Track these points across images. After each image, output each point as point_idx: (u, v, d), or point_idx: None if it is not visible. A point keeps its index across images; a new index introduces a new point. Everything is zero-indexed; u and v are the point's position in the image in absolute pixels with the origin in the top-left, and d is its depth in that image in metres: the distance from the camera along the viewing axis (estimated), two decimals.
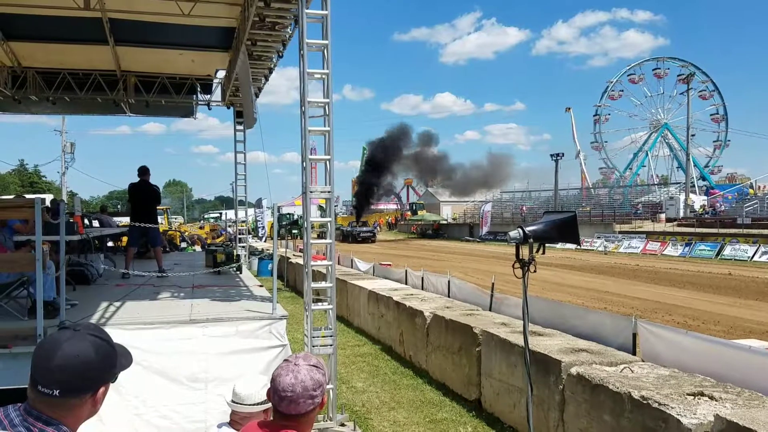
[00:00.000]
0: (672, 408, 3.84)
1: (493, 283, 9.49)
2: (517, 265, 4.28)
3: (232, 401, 3.11)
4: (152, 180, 9.90)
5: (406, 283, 12.59)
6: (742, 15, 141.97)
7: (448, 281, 11.01)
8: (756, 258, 27.22)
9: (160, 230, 12.28)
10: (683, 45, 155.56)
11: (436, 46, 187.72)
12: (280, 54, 8.83)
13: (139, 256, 11.15)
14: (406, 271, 13.25)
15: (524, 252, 4.29)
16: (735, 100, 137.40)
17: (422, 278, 12.23)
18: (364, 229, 57.12)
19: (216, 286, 8.38)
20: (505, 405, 6.03)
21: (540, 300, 8.13)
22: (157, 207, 10.32)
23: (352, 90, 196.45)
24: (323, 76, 5.90)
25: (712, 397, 4.04)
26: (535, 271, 4.23)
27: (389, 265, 17.64)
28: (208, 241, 27.89)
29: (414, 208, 75.85)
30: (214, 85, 12.69)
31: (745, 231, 32.52)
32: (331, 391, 5.80)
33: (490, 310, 8.64)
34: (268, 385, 2.02)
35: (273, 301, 6.18)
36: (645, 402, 4.01)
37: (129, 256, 9.88)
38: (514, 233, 4.18)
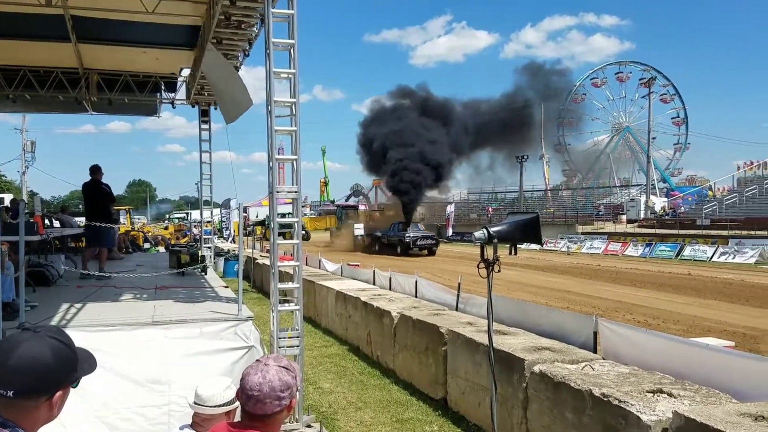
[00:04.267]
0: (632, 405, 3.92)
1: (459, 283, 9.57)
2: (481, 265, 4.34)
3: (195, 403, 3.08)
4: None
5: (374, 284, 12.61)
6: (703, 20, 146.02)
7: (416, 281, 11.06)
8: (715, 258, 27.99)
9: (124, 230, 12.07)
10: (648, 50, 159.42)
11: (407, 48, 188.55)
12: (246, 53, 8.77)
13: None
14: (374, 271, 13.27)
15: (489, 252, 4.35)
16: (695, 103, 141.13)
17: (390, 278, 12.26)
18: (420, 233, 36.22)
19: (180, 288, 8.26)
20: (470, 403, 6.09)
21: (505, 299, 8.23)
22: (114, 206, 10.17)
23: (323, 90, 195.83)
24: (290, 76, 5.88)
25: (670, 394, 4.15)
26: (499, 271, 4.28)
27: (357, 265, 17.63)
28: (172, 242, 27.48)
29: (382, 208, 75.82)
30: (179, 84, 12.53)
31: (705, 232, 33.46)
32: (297, 393, 5.77)
33: (456, 309, 8.72)
34: (232, 387, 2.01)
35: (239, 302, 6.13)
36: (606, 399, 4.09)
37: (86, 257, 9.69)
38: (479, 234, 4.23)
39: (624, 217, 45.93)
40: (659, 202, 51.08)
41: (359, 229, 40.62)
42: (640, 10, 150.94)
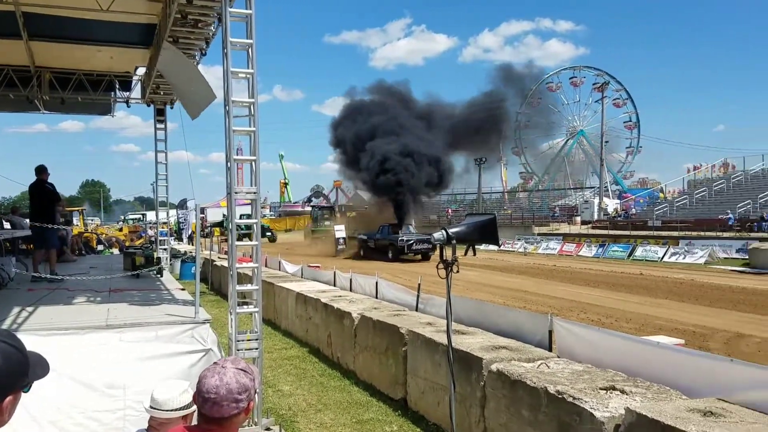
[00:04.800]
0: (586, 402, 4.02)
1: (419, 284, 9.63)
2: (441, 265, 4.40)
3: (150, 407, 3.04)
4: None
5: (334, 285, 12.58)
6: (654, 26, 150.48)
7: (376, 282, 11.08)
8: (665, 259, 28.86)
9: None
10: (601, 55, 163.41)
11: (367, 49, 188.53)
12: (204, 52, 8.64)
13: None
14: (334, 272, 13.24)
15: (448, 253, 4.40)
16: (647, 108, 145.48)
17: (350, 280, 12.26)
18: (415, 236, 32.09)
19: (135, 290, 8.09)
20: (429, 403, 6.14)
21: (464, 300, 8.32)
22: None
23: (283, 90, 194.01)
24: (248, 76, 5.83)
25: (623, 391, 4.27)
26: (457, 272, 4.34)
27: (318, 267, 17.58)
28: (127, 244, 26.88)
29: (343, 210, 75.38)
30: (134, 82, 12.26)
31: (656, 233, 34.47)
32: (256, 395, 5.73)
33: (416, 310, 8.77)
34: (189, 391, 2.00)
35: (195, 304, 6.04)
36: (560, 396, 4.19)
37: (36, 259, 9.42)
38: (438, 235, 4.28)
39: (578, 219, 46.99)
40: (612, 204, 52.46)
41: (340, 231, 37.11)
42: (594, 15, 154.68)
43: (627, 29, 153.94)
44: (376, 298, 10.43)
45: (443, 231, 4.28)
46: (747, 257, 25.71)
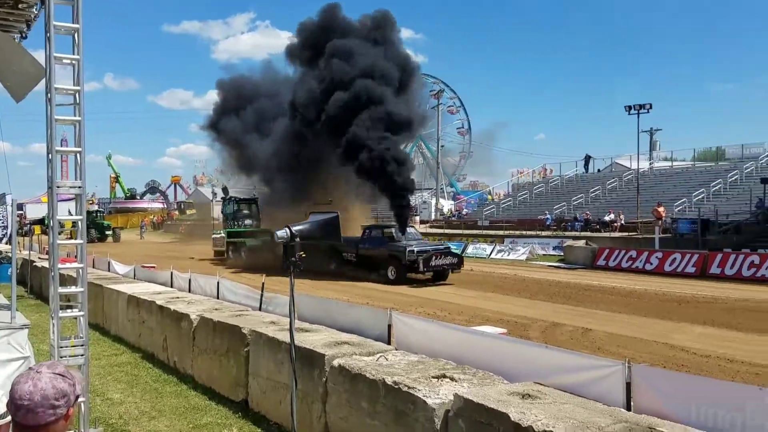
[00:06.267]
0: (419, 390, 4.27)
1: (263, 283, 9.54)
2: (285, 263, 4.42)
3: None
4: None
5: (171, 286, 12.01)
6: (484, 38, 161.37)
7: (218, 282, 10.77)
8: (493, 255, 31.12)
9: None
10: (439, 63, 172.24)
11: (209, 41, 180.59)
12: (24, 35, 7.83)
13: None
14: (171, 273, 12.64)
15: (292, 251, 4.43)
16: (477, 115, 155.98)
17: (189, 280, 11.78)
18: (430, 246, 22.15)
19: None
20: (271, 403, 6.11)
21: (309, 297, 8.39)
22: None
23: (115, 79, 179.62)
24: (73, 62, 5.40)
25: (453, 378, 4.58)
26: (301, 269, 4.39)
27: (153, 267, 16.65)
28: None
29: (182, 207, 71.84)
30: None
31: (484, 232, 37.12)
32: (82, 404, 5.32)
33: (260, 309, 8.69)
34: (2, 399, 1.85)
35: (12, 308, 5.48)
36: (396, 387, 4.40)
37: None
38: (281, 232, 4.31)
39: (417, 218, 49.20)
40: (447, 205, 55.67)
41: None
42: (431, 24, 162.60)
43: (463, 38, 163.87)
44: (218, 298, 10.15)
45: (287, 228, 4.31)
46: (562, 254, 28.52)
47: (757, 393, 3.70)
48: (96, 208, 55.58)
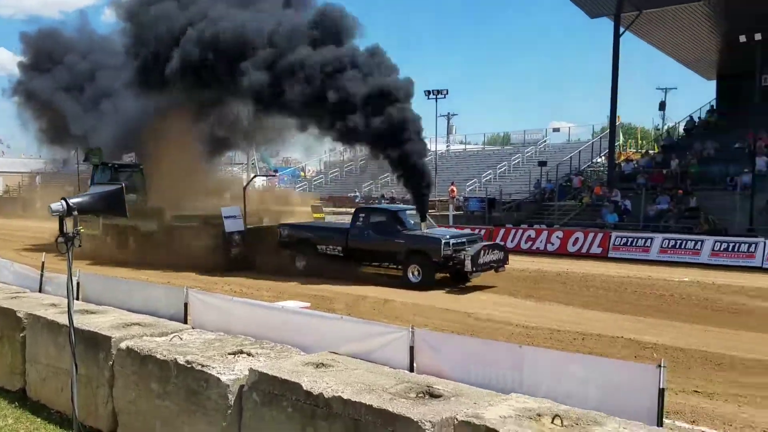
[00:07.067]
0: (213, 368, 4.20)
1: (43, 262, 8.63)
2: (61, 239, 4.04)
3: None
4: None
5: None
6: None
7: None
8: None
9: None
10: None
11: None
12: None
13: None
14: None
15: (69, 225, 4.07)
16: None
17: None
18: (461, 236, 14.84)
19: None
20: (52, 390, 5.65)
21: (96, 276, 7.77)
22: None
23: None
24: None
25: (250, 354, 4.58)
26: (80, 246, 4.05)
27: None
28: None
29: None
30: None
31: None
32: None
33: (40, 291, 7.91)
34: None
35: None
36: (189, 366, 4.29)
37: None
38: (56, 205, 3.93)
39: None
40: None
41: (235, 219, 17.05)
42: None
43: None
44: None
45: (63, 201, 3.94)
46: None
47: (517, 350, 4.21)
48: None
